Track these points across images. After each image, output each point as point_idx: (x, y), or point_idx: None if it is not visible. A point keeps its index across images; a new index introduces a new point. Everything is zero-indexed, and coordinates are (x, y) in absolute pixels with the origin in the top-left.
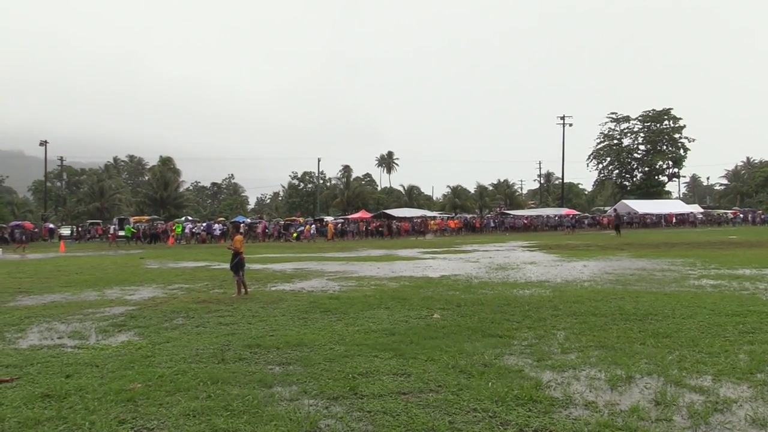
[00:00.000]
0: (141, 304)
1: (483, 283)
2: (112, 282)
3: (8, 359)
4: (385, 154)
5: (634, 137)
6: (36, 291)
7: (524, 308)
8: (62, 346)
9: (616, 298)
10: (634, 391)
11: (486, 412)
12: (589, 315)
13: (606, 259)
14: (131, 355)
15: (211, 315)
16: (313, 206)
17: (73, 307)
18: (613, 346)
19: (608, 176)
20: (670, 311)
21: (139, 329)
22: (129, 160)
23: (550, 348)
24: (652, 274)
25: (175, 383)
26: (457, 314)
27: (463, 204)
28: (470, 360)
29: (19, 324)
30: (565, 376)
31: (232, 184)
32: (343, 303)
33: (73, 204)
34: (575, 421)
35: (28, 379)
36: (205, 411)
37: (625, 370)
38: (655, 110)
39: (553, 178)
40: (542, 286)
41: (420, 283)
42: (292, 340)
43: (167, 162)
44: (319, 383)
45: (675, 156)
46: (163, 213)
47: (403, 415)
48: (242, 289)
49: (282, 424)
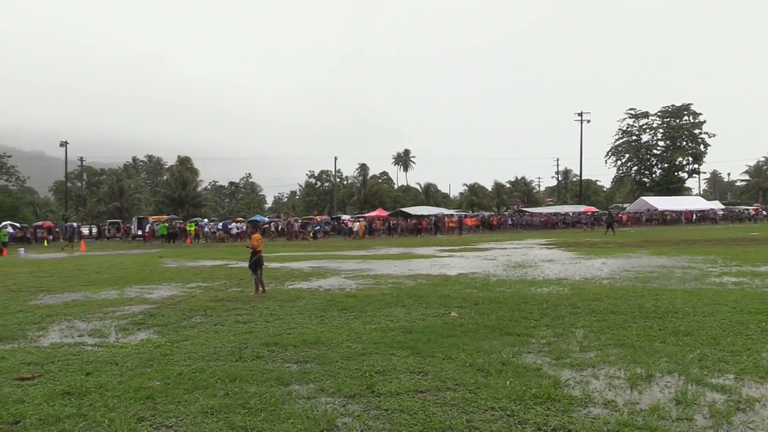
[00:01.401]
0: (160, 302)
1: (500, 281)
2: (131, 281)
3: (30, 357)
4: (402, 152)
5: (653, 133)
6: (57, 290)
7: (542, 306)
8: (82, 344)
9: (635, 295)
10: (655, 390)
11: (504, 410)
12: (608, 313)
13: (625, 257)
14: (150, 353)
15: (229, 313)
16: (330, 205)
17: (93, 306)
18: (632, 345)
19: (627, 173)
20: (690, 309)
21: (158, 327)
22: (148, 160)
23: (569, 346)
24: (672, 272)
25: (193, 381)
26: (475, 312)
27: (480, 202)
28: (488, 358)
29: (40, 322)
30: (584, 375)
31: (249, 183)
32: (360, 301)
33: (94, 204)
34: (594, 420)
35: (49, 376)
36: (223, 409)
37: (645, 368)
38: (675, 106)
39: (571, 175)
40: (560, 283)
41: (437, 281)
42: (309, 338)
43: (185, 162)
44: (336, 381)
45: (695, 152)
46: (182, 212)
47: (421, 414)
48: (260, 288)
49: (299, 422)
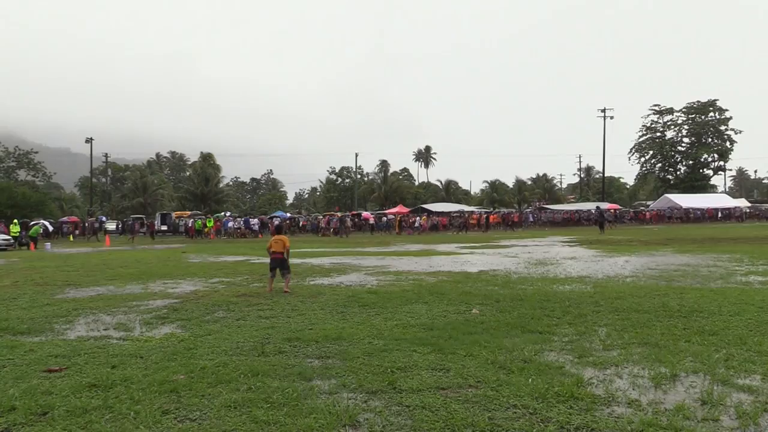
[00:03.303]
0: (183, 297)
1: (522, 279)
2: (155, 275)
3: (57, 349)
4: (423, 148)
5: (678, 129)
6: (83, 284)
7: (564, 304)
8: (108, 338)
9: (659, 294)
10: (679, 390)
11: (526, 408)
12: (632, 311)
13: (648, 255)
14: (174, 347)
15: (251, 308)
16: (350, 201)
17: (118, 300)
18: (656, 344)
19: (651, 170)
20: (716, 308)
21: (182, 322)
22: (171, 156)
23: (592, 344)
24: (697, 270)
25: (216, 375)
26: (496, 309)
27: (501, 199)
28: (510, 356)
29: (67, 315)
30: (607, 374)
31: (270, 179)
32: (381, 297)
33: (118, 199)
34: (618, 420)
35: (75, 369)
36: (246, 403)
37: (669, 368)
38: (700, 101)
39: (593, 172)
40: (583, 281)
41: (458, 278)
42: (330, 333)
43: (208, 158)
44: (358, 377)
45: (720, 149)
46: (204, 208)
47: (442, 411)
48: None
49: (321, 417)
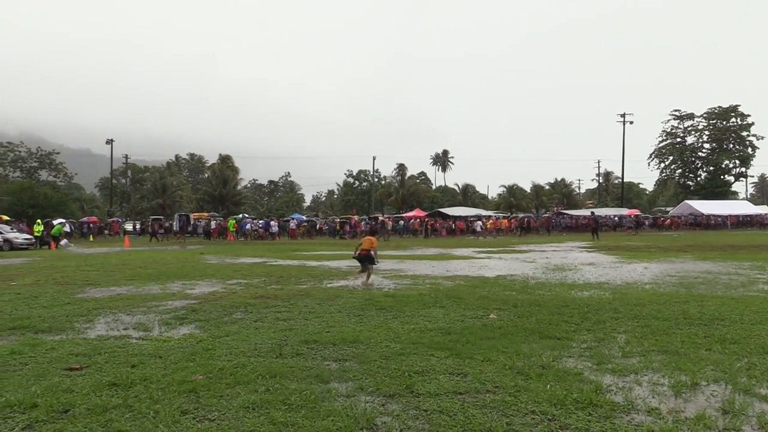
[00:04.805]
0: (201, 298)
1: (540, 284)
2: (173, 276)
3: (78, 348)
4: (440, 152)
5: (699, 135)
6: (103, 283)
7: (583, 310)
8: (128, 337)
9: (679, 301)
10: (700, 399)
11: (544, 414)
12: (651, 318)
13: (668, 261)
14: (192, 348)
15: (268, 310)
16: (367, 204)
17: (138, 300)
18: (677, 351)
19: (670, 176)
20: (737, 316)
21: (200, 323)
22: (190, 158)
23: (611, 351)
24: (718, 278)
25: (234, 376)
26: (514, 315)
27: (518, 203)
28: (528, 361)
29: (87, 315)
30: (626, 381)
31: (288, 182)
32: (398, 301)
33: (137, 200)
34: (637, 428)
35: (96, 367)
36: (264, 404)
37: (690, 376)
38: (721, 107)
39: (612, 177)
40: (601, 287)
41: (475, 283)
42: (348, 336)
43: (226, 160)
44: (376, 380)
45: (742, 155)
46: (222, 210)
47: (460, 415)
48: (365, 277)
49: (339, 420)
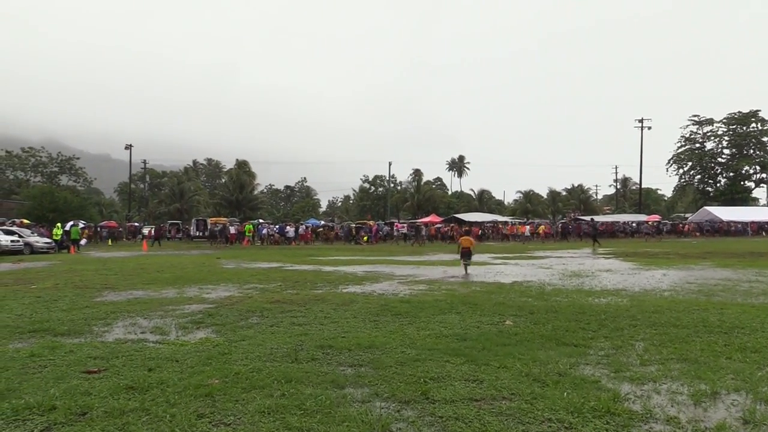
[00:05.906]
0: (218, 302)
1: (556, 290)
2: (190, 280)
3: (96, 351)
4: (456, 158)
5: (718, 141)
6: (120, 287)
7: (600, 317)
8: (145, 341)
9: (698, 309)
10: (720, 408)
11: (561, 422)
12: (670, 326)
13: (687, 268)
14: (209, 352)
15: (284, 315)
16: (383, 209)
17: (155, 304)
18: (696, 360)
19: (689, 182)
20: (758, 324)
21: (216, 327)
22: (207, 163)
23: (629, 359)
24: (738, 285)
25: (250, 380)
26: (530, 321)
27: (534, 209)
28: (544, 369)
29: (105, 318)
30: (644, 389)
31: (304, 187)
32: (414, 307)
33: (155, 205)
34: None
35: (113, 371)
36: (280, 409)
37: (709, 385)
38: (741, 112)
39: (630, 183)
40: (619, 294)
41: (491, 289)
42: (363, 342)
43: (243, 165)
44: (391, 386)
45: (763, 160)
46: (239, 215)
47: (476, 422)
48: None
49: (354, 426)
